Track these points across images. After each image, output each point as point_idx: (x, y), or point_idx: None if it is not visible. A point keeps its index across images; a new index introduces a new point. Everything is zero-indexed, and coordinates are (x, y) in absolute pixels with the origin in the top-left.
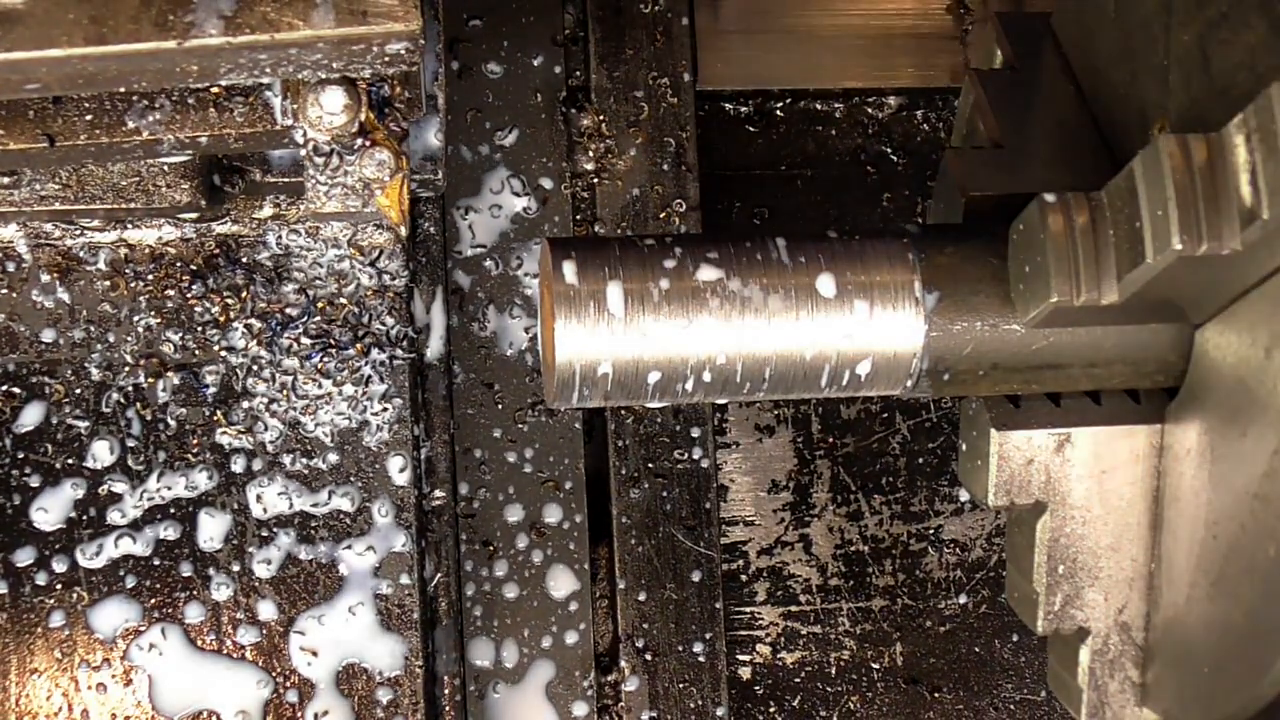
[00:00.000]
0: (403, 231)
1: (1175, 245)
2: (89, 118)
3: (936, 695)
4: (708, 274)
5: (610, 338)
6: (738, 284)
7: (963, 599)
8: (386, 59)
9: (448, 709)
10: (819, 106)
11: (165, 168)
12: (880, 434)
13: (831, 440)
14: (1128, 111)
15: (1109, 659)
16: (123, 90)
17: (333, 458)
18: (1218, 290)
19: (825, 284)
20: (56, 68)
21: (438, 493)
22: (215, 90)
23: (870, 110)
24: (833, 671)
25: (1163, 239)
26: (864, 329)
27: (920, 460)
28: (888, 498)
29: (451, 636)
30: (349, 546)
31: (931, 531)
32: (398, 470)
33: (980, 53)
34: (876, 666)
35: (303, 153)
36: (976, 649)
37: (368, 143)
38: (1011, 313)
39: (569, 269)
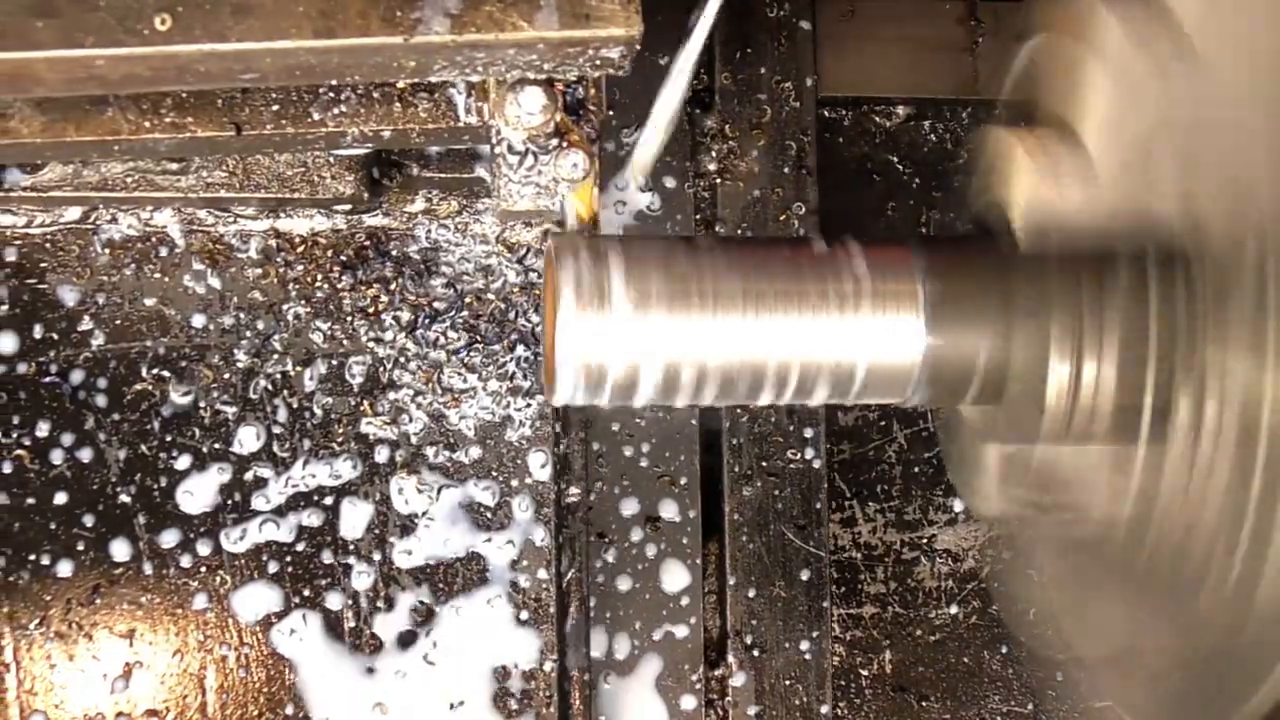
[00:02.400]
0: (540, 229)
1: None
2: (275, 108)
3: (924, 704)
4: (713, 276)
5: (612, 337)
6: (742, 287)
7: (954, 609)
8: (598, 62)
9: (577, 703)
10: (826, 114)
11: (330, 159)
12: (877, 442)
13: (828, 447)
14: None
15: (1118, 682)
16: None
17: (475, 451)
18: None
19: (830, 289)
20: (280, 59)
21: (573, 489)
22: (400, 86)
23: (878, 119)
24: None
25: None
26: (867, 336)
27: (916, 469)
28: (882, 505)
29: (582, 631)
30: (489, 540)
31: (925, 541)
32: (538, 466)
33: (988, 67)
34: (865, 673)
35: (496, 151)
36: (965, 659)
37: (564, 143)
38: (1009, 322)
39: (573, 267)
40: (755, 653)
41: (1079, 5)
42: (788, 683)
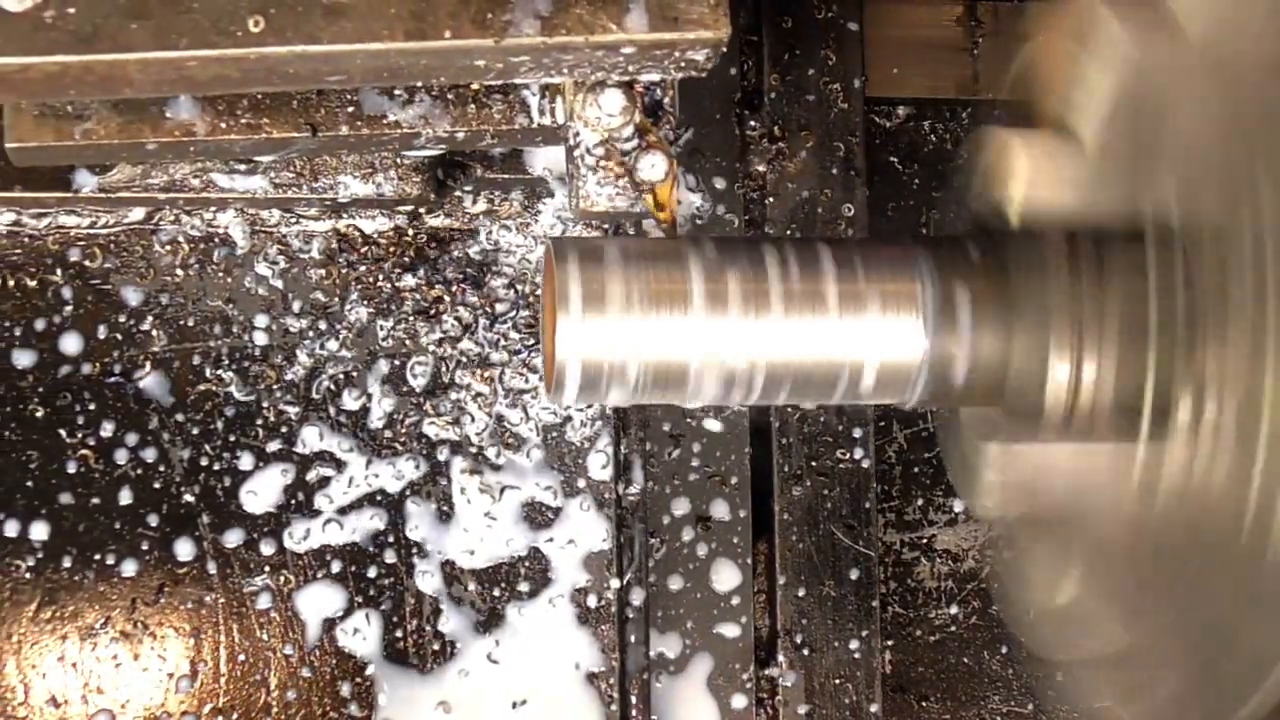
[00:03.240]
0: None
1: None
2: (350, 109)
3: (924, 704)
4: (711, 276)
5: (611, 337)
6: (741, 286)
7: (954, 609)
8: (683, 64)
9: (636, 702)
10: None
11: (398, 160)
12: (877, 443)
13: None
14: None
15: (1119, 688)
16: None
17: (536, 452)
18: None
19: (829, 290)
20: (370, 61)
21: (632, 489)
22: (475, 87)
23: (877, 120)
24: None
25: None
26: (868, 336)
27: (916, 470)
28: (882, 506)
29: (641, 630)
30: (550, 539)
31: (925, 541)
32: (599, 466)
33: (988, 67)
34: None
35: (575, 153)
36: (965, 659)
37: (643, 145)
38: (1012, 323)
39: (572, 268)
40: (805, 652)
41: (1079, 5)
42: (837, 681)
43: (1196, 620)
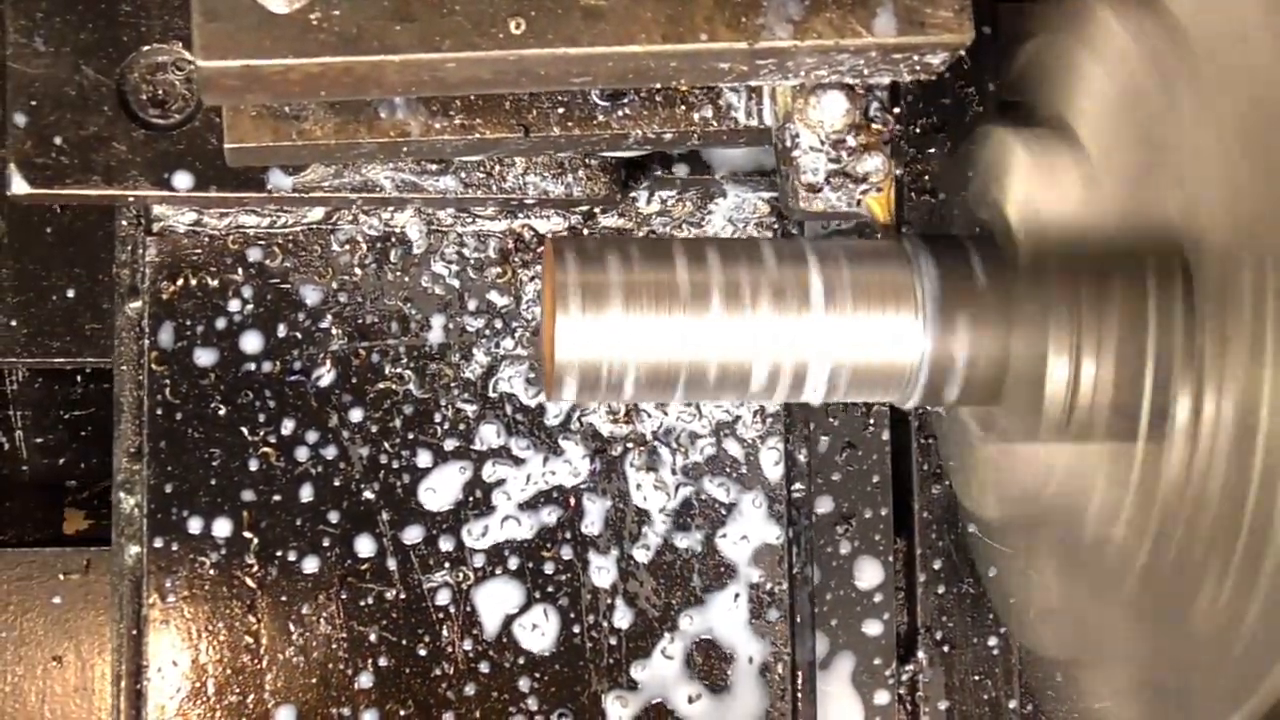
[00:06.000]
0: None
1: None
2: (561, 110)
3: None
4: (710, 274)
5: (611, 336)
6: (740, 285)
7: None
8: (918, 67)
9: (800, 697)
10: None
11: (586, 161)
12: None
13: None
14: None
15: (1118, 686)
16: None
17: (709, 449)
18: None
19: (828, 289)
20: (622, 63)
21: (798, 485)
22: (683, 88)
23: None
24: None
25: None
26: (867, 336)
27: None
28: None
29: (808, 626)
30: (724, 535)
31: None
32: (771, 463)
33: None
34: None
35: (795, 154)
36: None
37: (862, 146)
38: (1011, 323)
39: (571, 268)
40: (945, 648)
41: (1079, 6)
42: (976, 678)
43: (1195, 620)
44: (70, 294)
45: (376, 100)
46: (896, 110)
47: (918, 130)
